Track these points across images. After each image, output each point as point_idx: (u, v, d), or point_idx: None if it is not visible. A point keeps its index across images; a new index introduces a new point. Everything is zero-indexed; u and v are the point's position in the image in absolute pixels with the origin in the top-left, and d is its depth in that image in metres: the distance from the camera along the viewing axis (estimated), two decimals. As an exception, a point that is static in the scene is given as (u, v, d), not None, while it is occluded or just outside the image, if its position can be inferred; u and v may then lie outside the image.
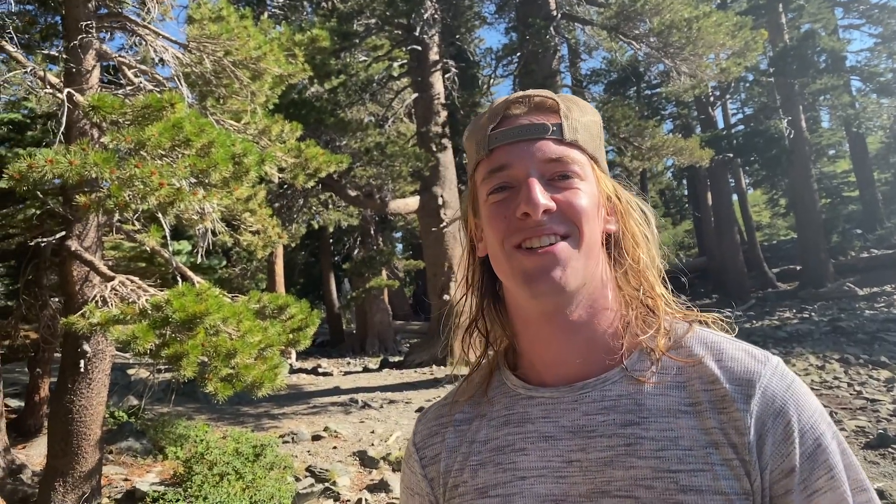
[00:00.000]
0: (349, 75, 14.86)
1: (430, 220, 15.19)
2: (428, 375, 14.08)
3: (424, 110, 15.25)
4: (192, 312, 4.80)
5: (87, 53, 6.06)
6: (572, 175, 0.93)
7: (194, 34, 6.03)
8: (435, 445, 1.05)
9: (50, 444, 6.14)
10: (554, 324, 0.93)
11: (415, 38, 14.70)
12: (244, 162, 5.24)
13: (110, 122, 5.09)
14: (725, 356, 0.88)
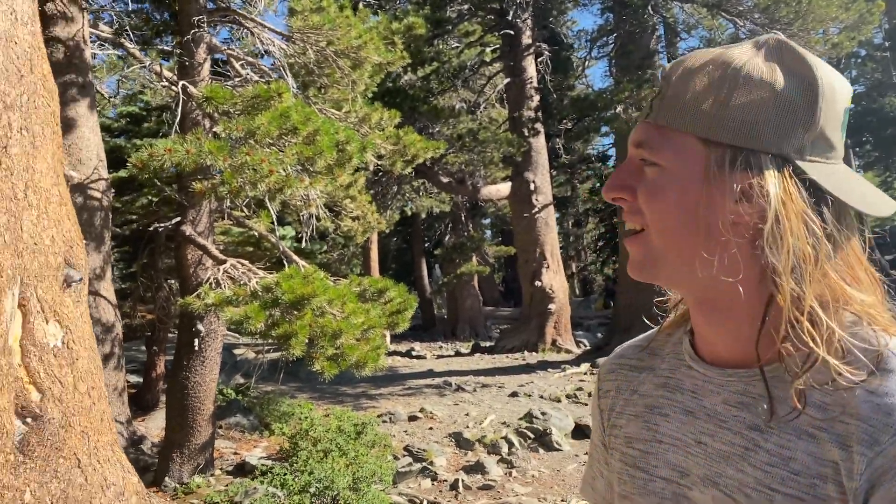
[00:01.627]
0: (442, 62, 14.95)
1: (521, 206, 15.13)
2: (520, 361, 14.09)
3: (517, 95, 15.16)
4: (300, 294, 5.00)
5: (198, 47, 6.37)
6: (656, 163, 0.83)
7: (298, 25, 6.22)
8: (609, 381, 1.08)
9: (168, 417, 6.55)
10: (696, 308, 0.91)
11: (507, 23, 14.62)
12: (347, 149, 5.39)
13: (222, 112, 5.34)
14: (883, 390, 0.78)
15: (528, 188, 14.96)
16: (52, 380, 3.51)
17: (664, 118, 0.83)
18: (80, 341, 3.76)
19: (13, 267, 3.44)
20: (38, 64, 3.84)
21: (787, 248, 0.78)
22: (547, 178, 15.54)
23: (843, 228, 0.81)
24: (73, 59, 6.75)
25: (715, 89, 0.80)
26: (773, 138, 0.78)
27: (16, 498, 3.20)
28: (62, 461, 3.41)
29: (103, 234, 6.74)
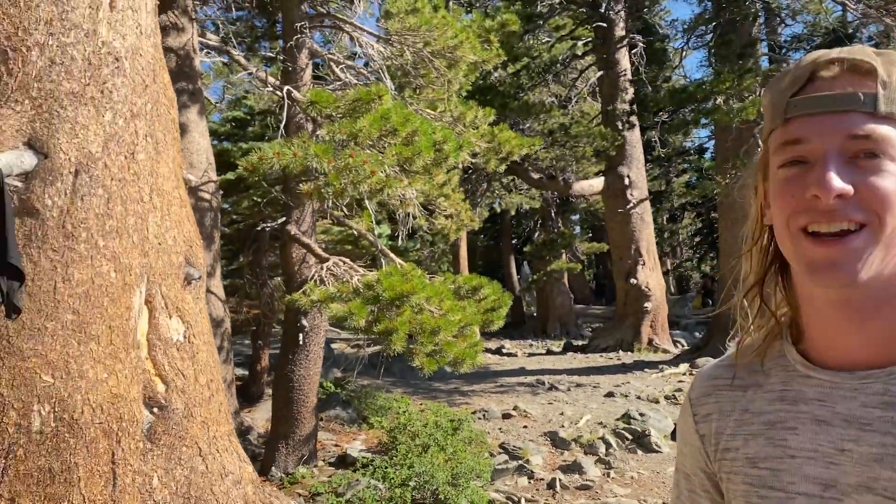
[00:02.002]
0: (532, 57, 14.86)
1: (615, 202, 14.85)
2: (614, 360, 13.85)
3: (610, 88, 14.89)
4: (400, 291, 5.10)
5: (300, 52, 6.59)
6: (881, 155, 0.80)
7: (395, 27, 6.33)
8: (708, 405, 1.05)
9: (274, 409, 6.83)
10: (841, 311, 0.88)
11: (600, 15, 14.37)
12: (444, 149, 5.45)
13: (325, 115, 5.50)
14: None
15: (623, 183, 14.66)
16: (175, 372, 3.73)
17: (889, 109, 0.81)
18: (199, 336, 3.98)
19: (140, 266, 3.68)
20: (159, 74, 4.08)
21: None
22: (642, 172, 15.18)
23: None
24: (184, 67, 7.13)
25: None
26: None
27: (145, 482, 3.42)
28: (185, 449, 3.62)
29: (213, 233, 7.09)
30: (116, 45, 3.64)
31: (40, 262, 3.25)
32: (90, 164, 3.44)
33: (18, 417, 3.13)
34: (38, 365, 3.19)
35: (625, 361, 13.57)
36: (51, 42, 3.41)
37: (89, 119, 3.46)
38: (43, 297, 3.25)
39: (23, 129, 3.29)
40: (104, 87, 3.56)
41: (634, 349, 14.51)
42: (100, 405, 3.32)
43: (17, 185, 3.20)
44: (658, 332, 14.80)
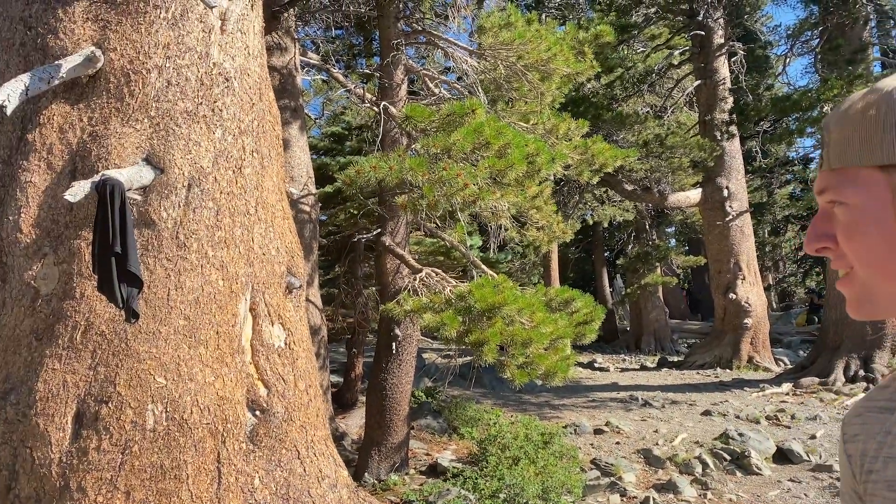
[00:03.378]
0: (626, 68, 14.62)
1: (713, 214, 14.35)
2: (712, 378, 13.34)
3: (708, 97, 14.44)
4: (491, 303, 5.12)
5: (396, 69, 6.76)
6: (838, 203, 0.85)
7: (489, 42, 6.40)
8: (856, 426, 1.03)
9: (367, 416, 6.98)
10: None
11: (697, 24, 13.99)
12: (536, 161, 5.45)
13: (420, 129, 5.61)
14: None
15: (722, 194, 14.15)
16: (276, 377, 3.89)
17: (837, 161, 0.85)
18: (299, 343, 4.14)
19: (246, 275, 3.87)
20: (265, 92, 4.29)
21: None
22: (742, 183, 14.61)
23: None
24: (287, 85, 7.45)
25: (880, 116, 0.80)
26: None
27: (247, 482, 3.58)
28: (285, 452, 3.77)
29: (312, 244, 7.35)
30: (226, 65, 3.86)
31: (156, 271, 3.48)
32: (202, 179, 3.66)
33: (134, 416, 3.34)
34: (152, 367, 3.41)
35: (723, 379, 13.04)
36: (168, 65, 3.65)
37: (201, 136, 3.68)
38: (157, 304, 3.47)
39: (142, 146, 3.54)
40: (215, 105, 3.78)
41: (733, 367, 13.92)
42: (207, 407, 3.51)
43: (137, 198, 3.44)
44: (759, 350, 14.15)
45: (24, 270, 3.43)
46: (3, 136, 3.65)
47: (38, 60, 3.57)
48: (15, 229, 3.44)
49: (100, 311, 3.36)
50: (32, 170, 3.48)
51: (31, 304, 3.42)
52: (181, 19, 3.69)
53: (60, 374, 3.31)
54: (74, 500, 3.21)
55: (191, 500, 3.36)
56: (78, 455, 3.26)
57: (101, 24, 3.60)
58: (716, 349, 14.60)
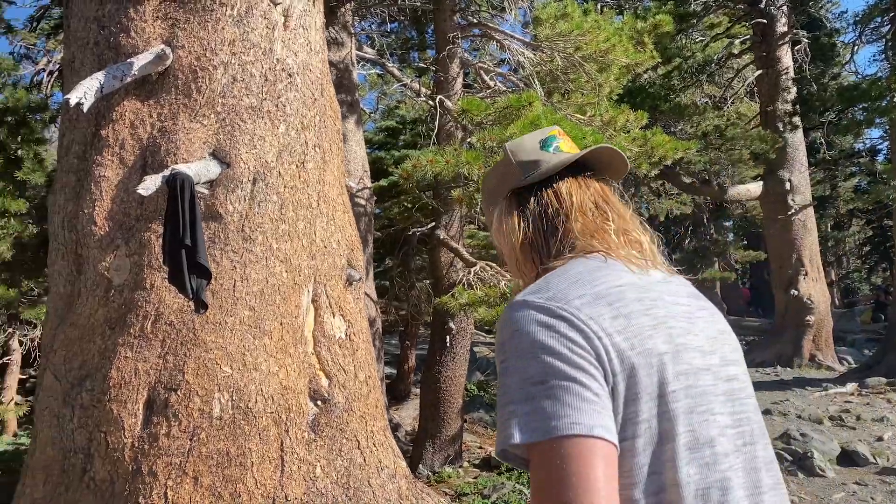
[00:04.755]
0: (684, 58, 14.29)
1: (775, 207, 13.95)
2: (772, 377, 12.99)
3: (770, 87, 14.01)
4: (549, 297, 5.08)
5: (452, 62, 6.76)
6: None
7: (545, 34, 6.34)
8: None
9: (422, 408, 7.03)
10: None
11: (759, 11, 13.58)
12: (595, 153, 5.37)
13: (475, 123, 5.60)
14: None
15: (783, 188, 13.74)
16: (337, 368, 3.95)
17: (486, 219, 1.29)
18: (359, 334, 4.19)
19: (309, 267, 3.93)
20: (326, 88, 4.35)
21: None
22: (805, 176, 14.16)
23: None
24: (343, 80, 7.52)
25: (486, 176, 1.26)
26: (493, 189, 1.23)
27: (309, 471, 3.65)
28: (345, 442, 3.82)
29: (367, 237, 7.42)
30: (289, 61, 3.93)
31: (222, 263, 3.56)
32: (266, 173, 3.73)
33: (202, 403, 3.44)
34: (218, 356, 3.50)
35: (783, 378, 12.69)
36: (233, 61, 3.73)
37: (266, 131, 3.75)
38: (224, 295, 3.56)
39: (209, 141, 3.63)
40: (278, 101, 3.84)
41: (794, 365, 13.53)
42: (271, 396, 3.59)
43: (204, 192, 3.53)
44: (822, 348, 13.71)
45: (97, 262, 3.56)
46: (77, 132, 3.78)
47: (110, 58, 3.68)
48: (90, 222, 3.57)
49: (169, 302, 3.46)
50: (106, 164, 3.60)
51: (105, 295, 3.55)
52: (246, 16, 3.77)
53: (132, 362, 3.43)
54: (146, 484, 3.32)
55: (255, 486, 3.44)
56: (149, 440, 3.37)
57: (170, 23, 3.69)
58: (776, 347, 14.22)
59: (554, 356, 0.89)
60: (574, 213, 1.10)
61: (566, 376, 0.87)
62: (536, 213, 1.11)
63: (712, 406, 0.95)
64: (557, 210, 1.10)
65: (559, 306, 0.93)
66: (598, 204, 1.12)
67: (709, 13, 14.19)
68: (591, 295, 0.95)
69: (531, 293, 0.99)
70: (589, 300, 0.94)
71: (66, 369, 3.60)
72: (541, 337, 0.91)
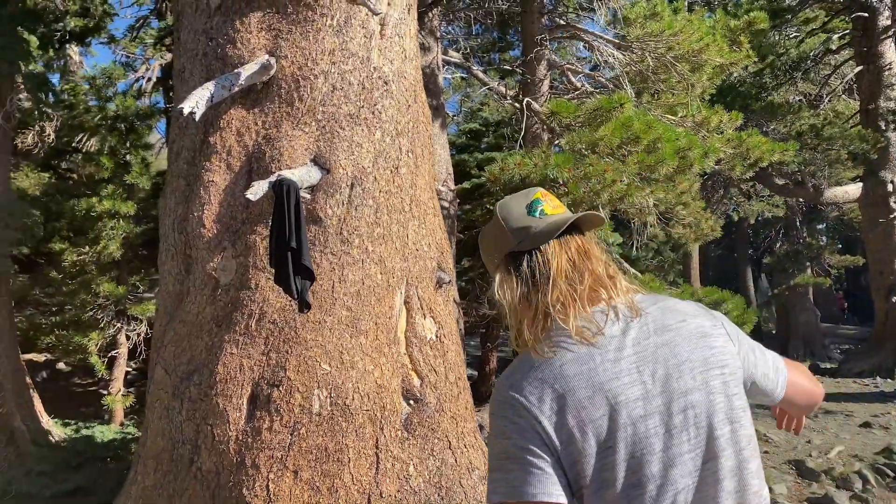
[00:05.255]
0: (778, 55, 13.75)
1: (874, 210, 13.23)
2: (871, 388, 12.32)
3: (871, 84, 13.30)
4: (639, 302, 5.01)
5: (539, 64, 6.75)
6: None
7: (635, 34, 6.25)
8: None
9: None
10: None
11: (860, 5, 12.92)
12: (688, 156, 5.27)
13: (564, 125, 5.58)
14: None
15: (885, 189, 13.01)
16: (429, 368, 4.02)
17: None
18: (449, 336, 4.25)
19: (401, 269, 4.02)
20: (419, 94, 4.43)
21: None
22: (909, 177, 13.37)
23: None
24: (429, 84, 7.62)
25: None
26: (490, 256, 1.35)
27: (403, 469, 3.73)
28: (437, 441, 3.89)
29: (451, 239, 7.49)
30: (385, 69, 4.02)
31: (322, 264, 3.69)
32: (363, 178, 3.84)
33: (302, 399, 3.57)
34: (318, 354, 3.63)
35: (884, 390, 12.02)
36: (333, 70, 3.86)
37: (363, 138, 3.86)
38: (323, 295, 3.68)
39: (310, 148, 3.77)
40: (375, 108, 3.95)
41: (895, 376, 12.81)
42: (367, 394, 3.69)
43: (306, 196, 3.66)
44: (927, 359, 12.93)
45: (206, 262, 3.75)
46: (187, 138, 4.00)
47: (218, 69, 3.87)
48: (199, 224, 3.76)
49: (272, 301, 3.61)
50: (214, 170, 3.79)
51: (212, 294, 3.73)
52: (345, 26, 3.88)
53: (237, 359, 3.59)
54: (249, 476, 3.48)
55: (352, 482, 3.55)
56: (252, 434, 3.52)
57: (273, 34, 3.85)
58: (875, 357, 13.48)
59: (509, 440, 1.13)
60: (552, 279, 1.23)
61: (516, 456, 1.12)
62: (528, 275, 1.24)
63: (654, 446, 1.11)
64: (543, 273, 1.24)
65: (513, 396, 1.15)
66: (576, 263, 1.25)
67: (804, 8, 13.60)
68: (538, 381, 1.15)
69: (506, 377, 1.21)
70: (537, 387, 1.15)
71: (176, 364, 3.81)
72: (501, 424, 1.16)
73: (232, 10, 3.88)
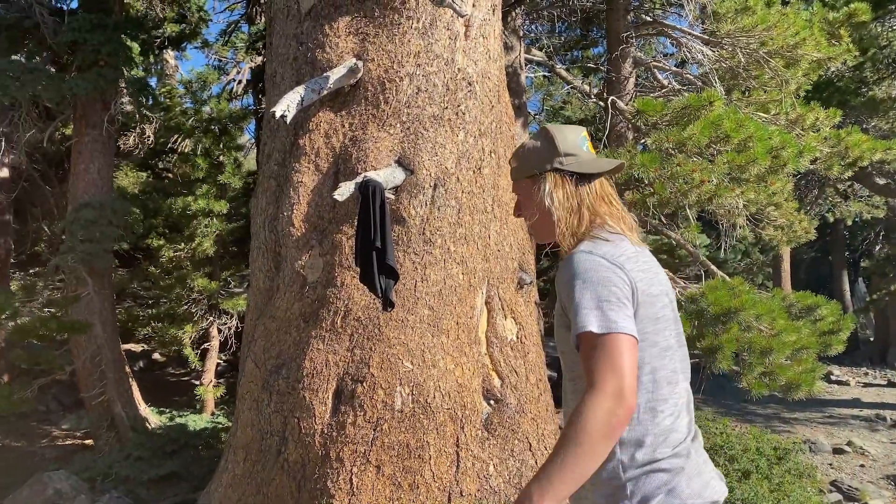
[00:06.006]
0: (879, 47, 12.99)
1: None
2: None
3: None
4: (727, 307, 4.86)
5: (624, 62, 6.62)
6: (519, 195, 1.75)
7: (726, 29, 6.04)
8: None
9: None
10: None
11: (974, -9, 12.05)
12: (782, 155, 5.07)
13: (651, 124, 5.46)
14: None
15: None
16: (509, 369, 4.02)
17: (513, 177, 1.72)
18: (529, 337, 4.24)
19: (483, 270, 4.03)
20: (502, 94, 4.43)
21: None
22: None
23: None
24: (512, 83, 7.60)
25: (519, 155, 1.69)
26: (534, 166, 1.65)
27: (483, 468, 3.75)
28: (517, 442, 3.88)
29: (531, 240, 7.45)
30: (469, 70, 4.05)
31: (404, 264, 3.75)
32: (445, 179, 3.87)
33: (385, 396, 3.64)
34: (400, 352, 3.69)
35: None
36: (418, 72, 3.91)
37: (446, 139, 3.90)
38: (405, 294, 3.74)
39: (395, 149, 3.83)
40: (458, 109, 3.98)
41: None
42: (448, 392, 3.72)
43: (390, 196, 3.73)
44: None
45: (294, 260, 3.87)
46: (278, 140, 4.14)
47: (307, 73, 3.99)
48: (288, 224, 3.89)
49: (357, 299, 3.69)
50: (303, 171, 3.91)
51: (300, 290, 3.85)
52: (430, 28, 3.93)
53: (323, 354, 3.70)
54: (333, 469, 3.57)
55: (433, 479, 3.59)
56: (337, 428, 3.62)
57: (360, 37, 3.94)
58: None
59: (614, 286, 1.44)
60: (599, 202, 1.60)
61: (619, 299, 1.43)
62: (578, 195, 1.59)
63: (669, 325, 1.56)
64: (594, 197, 1.60)
65: (611, 259, 1.48)
66: (612, 198, 1.64)
67: (912, -4, 12.79)
68: (622, 255, 1.51)
69: (588, 250, 1.51)
70: (623, 257, 1.50)
71: (265, 358, 3.96)
72: (607, 273, 1.45)
73: (321, 16, 3.99)
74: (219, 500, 4.05)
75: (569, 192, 1.57)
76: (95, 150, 7.44)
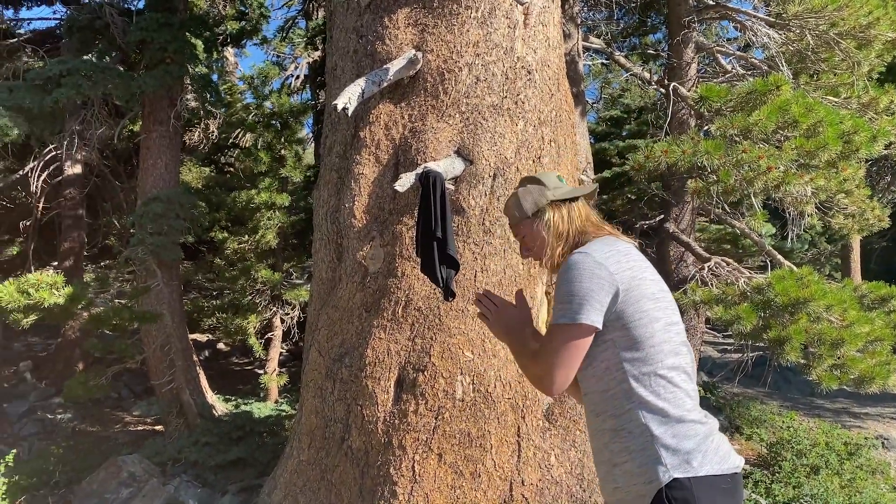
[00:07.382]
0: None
1: None
2: None
3: None
4: (795, 297, 4.72)
5: (686, 47, 6.47)
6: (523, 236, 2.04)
7: (794, 10, 5.84)
8: None
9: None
10: None
11: None
12: (854, 140, 4.88)
13: (714, 110, 5.32)
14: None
15: None
16: (570, 360, 3.99)
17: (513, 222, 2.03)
18: (590, 328, 4.19)
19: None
20: (562, 82, 4.39)
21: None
22: None
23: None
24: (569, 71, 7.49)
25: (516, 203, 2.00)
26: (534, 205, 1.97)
27: (544, 458, 3.74)
28: (579, 434, 3.86)
29: (591, 229, 7.37)
30: (529, 59, 4.02)
31: (464, 254, 3.76)
32: (505, 168, 3.86)
33: (446, 385, 3.67)
34: (461, 342, 3.70)
35: None
36: (476, 62, 3.90)
37: (505, 128, 3.89)
38: (465, 284, 3.75)
39: (454, 140, 3.84)
40: (518, 98, 3.96)
41: None
42: (509, 382, 3.73)
43: (450, 187, 3.74)
44: None
45: (356, 251, 3.93)
46: (339, 133, 4.19)
47: (367, 65, 4.03)
48: (350, 215, 3.94)
49: (417, 289, 3.72)
50: (363, 163, 3.95)
51: (362, 281, 3.91)
52: (489, 17, 3.91)
53: (385, 343, 3.75)
54: (396, 456, 3.62)
55: (494, 468, 3.61)
56: (399, 416, 3.66)
57: (419, 28, 3.95)
58: None
59: (594, 281, 1.70)
60: (584, 221, 1.92)
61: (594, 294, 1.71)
62: (567, 217, 1.91)
63: (669, 305, 1.79)
64: (581, 216, 1.92)
65: (597, 258, 1.72)
66: (591, 213, 1.97)
67: None
68: (610, 252, 1.75)
69: (584, 251, 1.76)
70: (611, 255, 1.75)
71: (328, 346, 4.03)
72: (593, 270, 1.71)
73: (381, 8, 4.02)
74: (284, 485, 4.16)
75: (564, 215, 1.90)
76: (163, 145, 7.69)
